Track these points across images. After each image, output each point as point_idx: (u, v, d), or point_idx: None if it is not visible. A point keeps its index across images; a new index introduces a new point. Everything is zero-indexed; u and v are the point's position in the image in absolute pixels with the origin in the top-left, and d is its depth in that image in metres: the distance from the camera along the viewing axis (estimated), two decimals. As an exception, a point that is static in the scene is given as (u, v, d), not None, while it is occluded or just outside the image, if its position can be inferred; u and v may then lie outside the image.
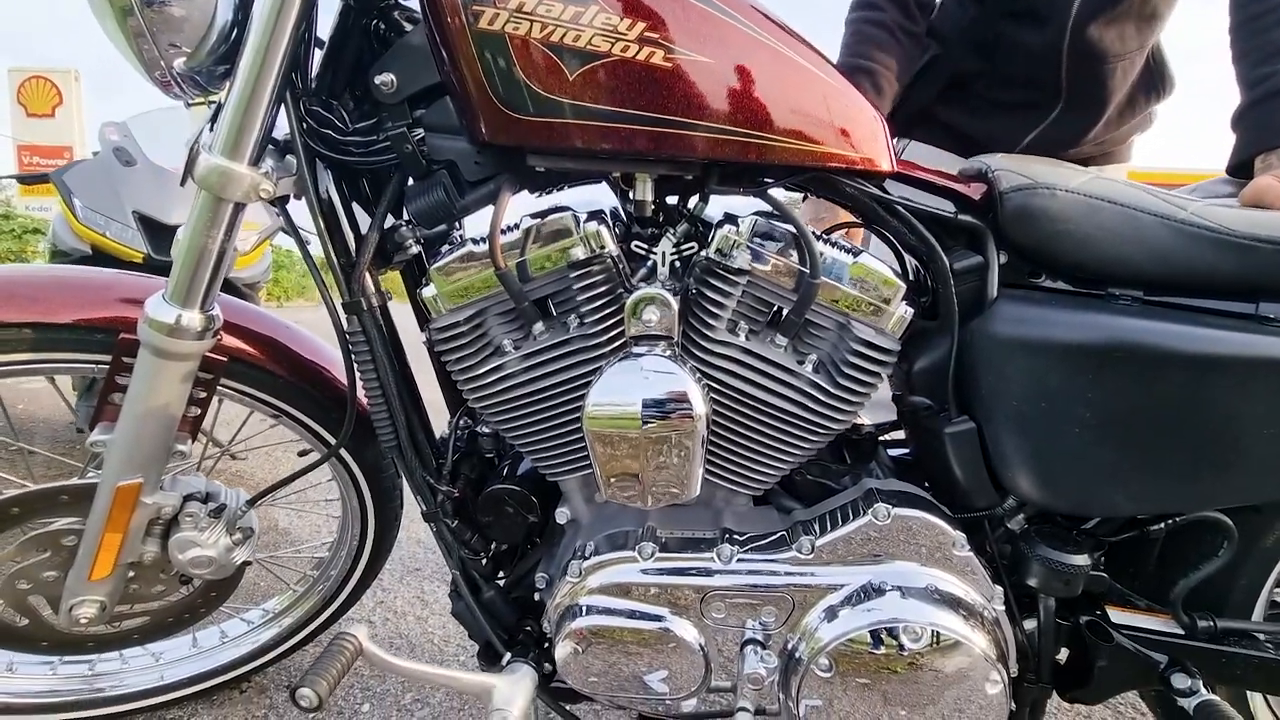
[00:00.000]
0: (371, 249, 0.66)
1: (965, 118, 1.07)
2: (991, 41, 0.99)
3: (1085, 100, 0.98)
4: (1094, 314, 0.57)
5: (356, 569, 1.02)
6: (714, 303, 0.62)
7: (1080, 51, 0.93)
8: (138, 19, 0.56)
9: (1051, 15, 0.93)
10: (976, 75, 1.03)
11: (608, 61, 0.54)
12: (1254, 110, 0.69)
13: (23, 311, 0.67)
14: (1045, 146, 1.03)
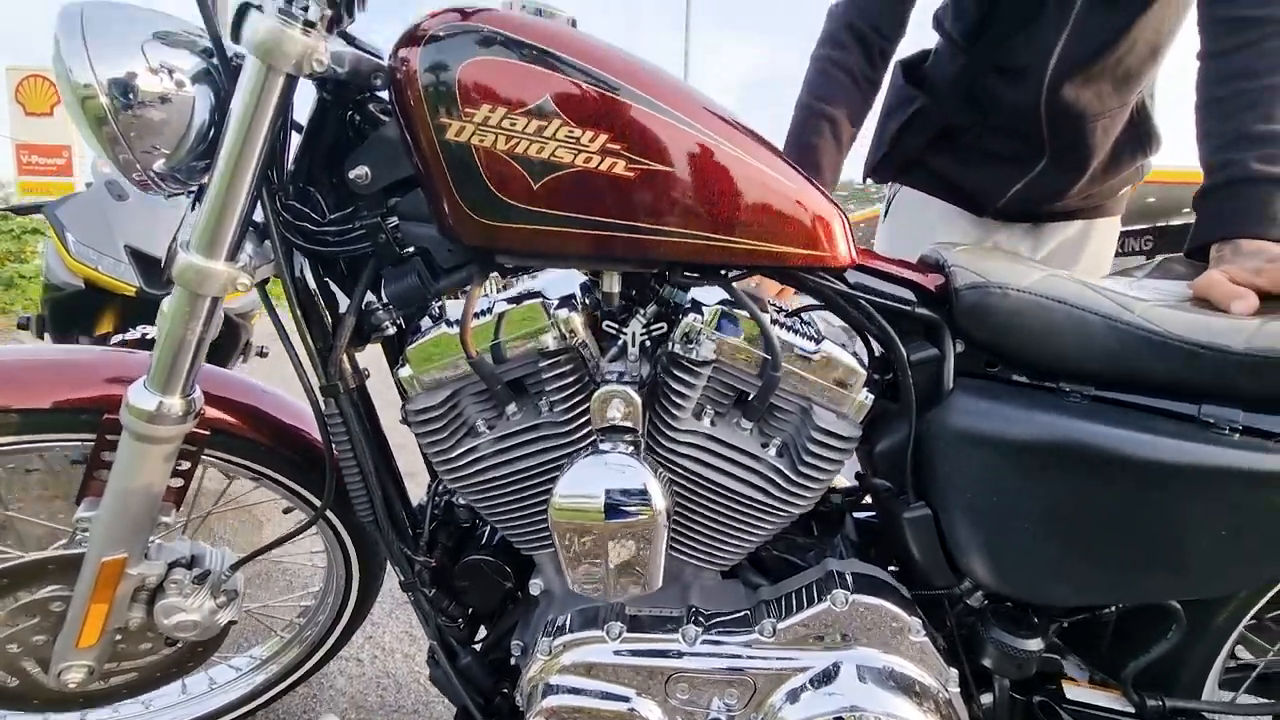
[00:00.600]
0: (348, 334, 0.68)
1: (954, 167, 1.09)
2: (978, 94, 1.00)
3: (1068, 156, 0.99)
4: (1043, 412, 0.59)
5: (343, 615, 1.04)
6: (679, 393, 0.63)
7: (1058, 109, 0.95)
8: (112, 127, 0.57)
9: (1030, 72, 0.94)
10: (965, 126, 1.04)
11: (571, 172, 0.56)
12: (1213, 196, 0.70)
13: (6, 397, 0.69)
14: (1032, 199, 1.05)
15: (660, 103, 0.56)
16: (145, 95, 0.58)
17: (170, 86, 0.59)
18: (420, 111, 0.56)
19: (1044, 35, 0.91)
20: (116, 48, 0.57)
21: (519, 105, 0.55)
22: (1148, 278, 0.75)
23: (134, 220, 1.63)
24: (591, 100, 0.55)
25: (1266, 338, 0.54)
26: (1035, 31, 0.91)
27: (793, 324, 0.66)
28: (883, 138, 1.11)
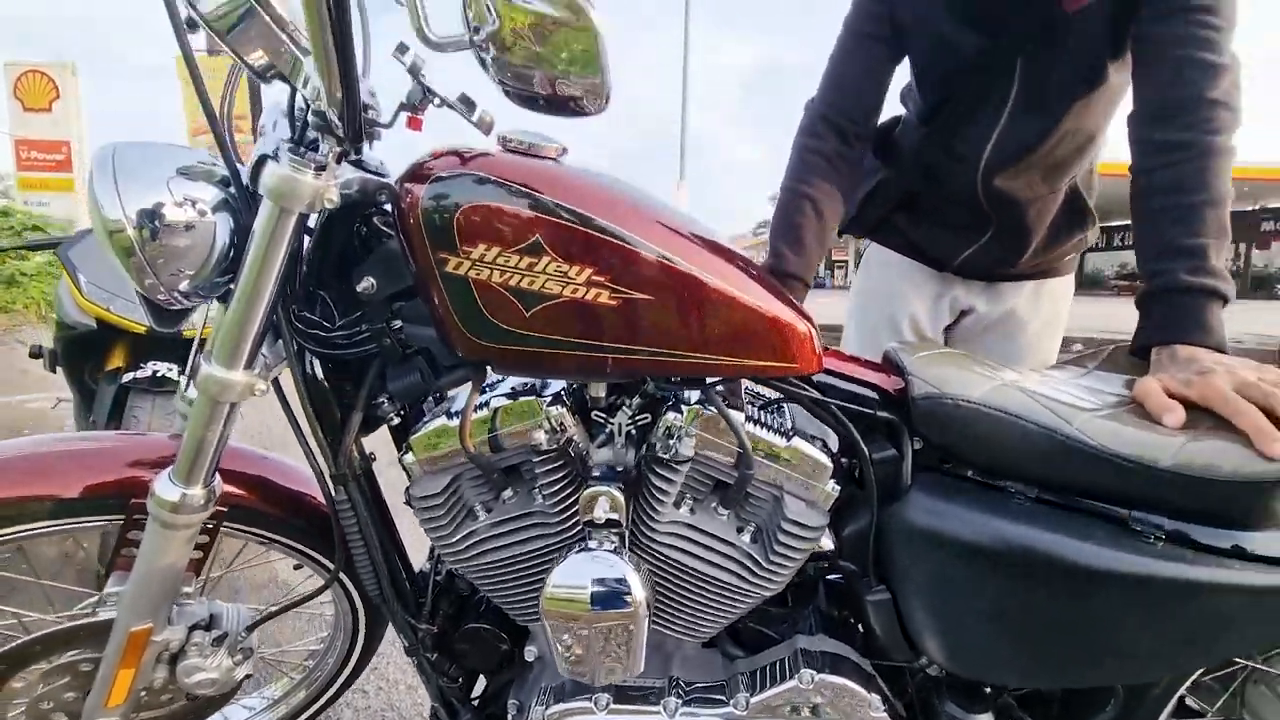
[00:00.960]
0: (355, 428, 0.74)
1: (915, 228, 1.18)
2: (932, 169, 1.08)
3: (1010, 231, 1.09)
4: (989, 514, 0.65)
5: (351, 658, 1.10)
6: (661, 489, 0.69)
7: (992, 195, 1.04)
8: (139, 258, 0.63)
9: (969, 160, 1.03)
10: (923, 194, 1.13)
11: (559, 301, 0.62)
12: (1150, 303, 0.76)
13: (38, 487, 0.75)
14: (983, 264, 1.14)
15: (640, 238, 0.62)
16: (170, 227, 0.63)
17: (193, 216, 0.64)
18: (422, 244, 0.62)
19: (980, 130, 1.00)
20: (144, 185, 0.63)
21: (512, 244, 0.60)
22: (1098, 368, 0.81)
23: (143, 261, 1.68)
24: (578, 238, 0.60)
25: (1189, 454, 0.60)
26: (973, 126, 1.00)
27: (766, 419, 0.72)
28: (853, 202, 1.18)
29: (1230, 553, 0.60)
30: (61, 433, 0.85)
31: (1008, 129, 0.98)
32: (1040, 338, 1.21)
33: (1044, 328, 1.21)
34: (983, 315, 1.20)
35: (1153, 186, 0.78)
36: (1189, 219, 0.73)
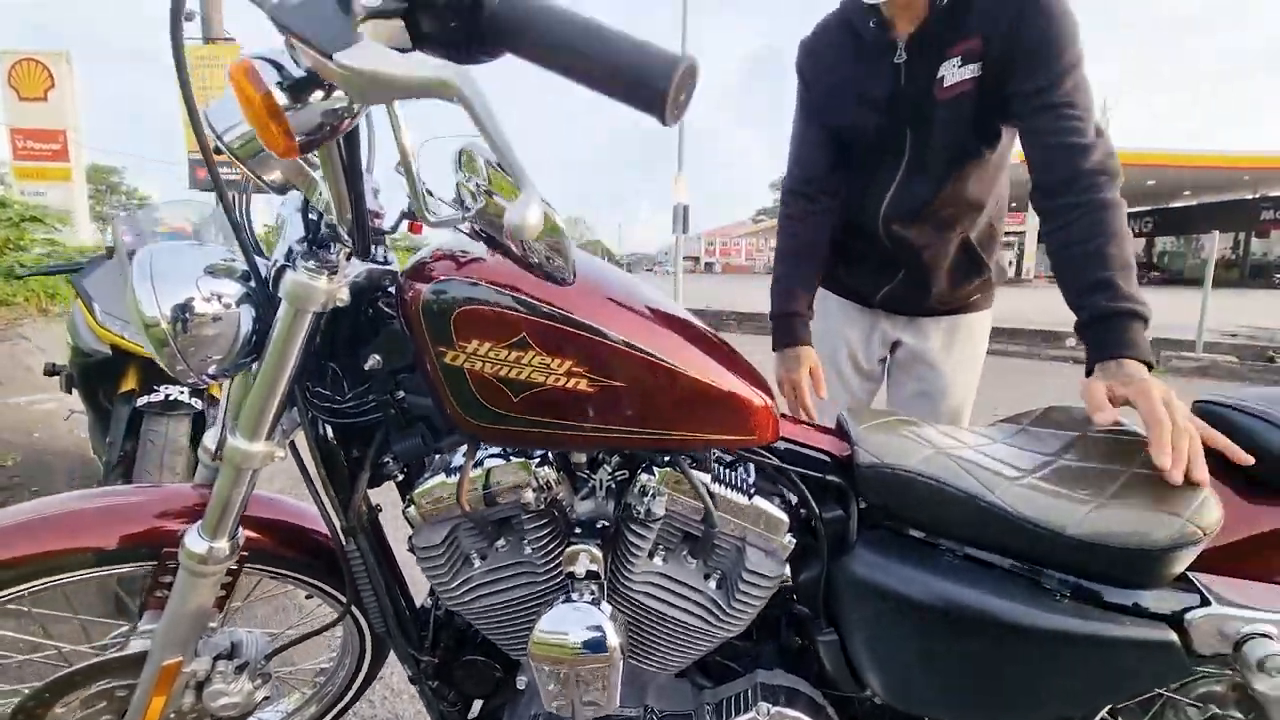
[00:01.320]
0: (364, 488, 0.83)
1: (847, 272, 1.40)
2: (851, 219, 1.30)
3: (914, 272, 1.28)
4: (922, 570, 0.74)
5: (359, 674, 1.20)
6: (636, 544, 0.78)
7: (893, 240, 1.24)
8: (172, 348, 0.71)
9: (871, 211, 1.24)
10: (847, 242, 1.34)
11: (544, 389, 0.70)
12: (1086, 330, 0.91)
13: (82, 539, 0.83)
14: (900, 299, 1.32)
15: (613, 331, 0.70)
16: (199, 321, 0.71)
17: (219, 309, 0.72)
18: (422, 336, 0.70)
19: (880, 189, 1.22)
20: (176, 284, 0.71)
21: (501, 340, 0.68)
22: (1032, 425, 0.89)
23: (155, 290, 1.76)
24: (558, 335, 0.69)
25: (1092, 523, 0.68)
26: (876, 185, 1.22)
27: (730, 477, 0.81)
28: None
29: (1128, 610, 0.69)
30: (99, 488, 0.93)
31: (902, 187, 1.19)
32: (958, 371, 1.36)
33: (962, 362, 1.37)
34: (910, 347, 1.38)
35: (1061, 242, 0.95)
36: (1096, 259, 0.90)
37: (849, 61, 1.18)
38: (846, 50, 1.18)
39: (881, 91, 1.14)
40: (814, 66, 1.25)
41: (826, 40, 1.23)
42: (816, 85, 1.25)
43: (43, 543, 0.82)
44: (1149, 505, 0.68)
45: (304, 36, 0.42)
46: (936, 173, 1.16)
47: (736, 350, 0.82)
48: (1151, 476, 0.73)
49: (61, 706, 0.93)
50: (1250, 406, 0.77)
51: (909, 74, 1.11)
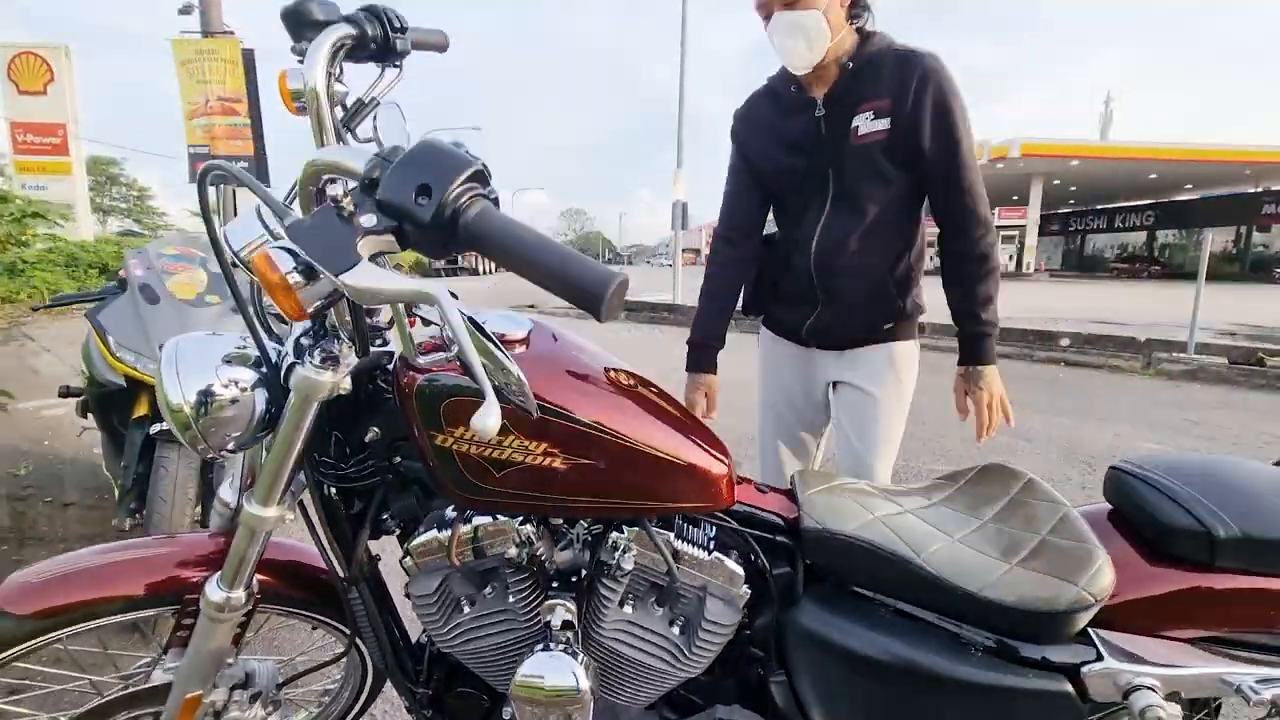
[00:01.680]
0: (364, 543, 0.93)
1: (776, 306, 1.54)
2: (786, 254, 1.46)
3: (838, 303, 1.42)
4: (858, 623, 0.83)
5: (361, 694, 1.30)
6: (607, 595, 0.88)
7: (821, 271, 1.39)
8: (194, 431, 0.80)
9: (804, 244, 1.40)
10: (781, 278, 1.49)
11: (522, 467, 0.79)
12: (964, 340, 1.36)
13: (112, 588, 0.93)
14: (821, 330, 1.47)
15: (581, 414, 0.79)
16: (219, 405, 0.81)
17: (236, 393, 0.82)
18: (414, 419, 0.79)
19: (811, 224, 1.39)
20: (197, 372, 0.80)
21: (485, 427, 0.78)
22: (968, 484, 0.99)
23: (165, 322, 1.86)
24: (535, 422, 0.78)
25: (1003, 586, 0.78)
26: (806, 221, 1.40)
27: (693, 534, 0.91)
28: (746, 292, 1.57)
29: (1033, 662, 0.79)
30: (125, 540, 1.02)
31: (828, 225, 1.37)
32: (889, 399, 1.46)
33: (891, 391, 1.46)
34: (848, 383, 1.48)
35: (953, 276, 1.36)
36: (972, 297, 1.34)
37: (778, 117, 1.41)
38: (774, 110, 1.42)
39: (806, 139, 1.35)
40: (747, 127, 1.47)
41: (757, 107, 1.46)
42: (750, 140, 1.46)
43: (78, 593, 0.92)
44: (1052, 571, 0.78)
45: (315, 259, 0.52)
46: (856, 211, 1.35)
47: (693, 415, 0.91)
48: (1059, 544, 0.82)
49: (91, 735, 1.03)
50: (1156, 479, 0.86)
51: (828, 124, 1.32)
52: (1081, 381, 5.86)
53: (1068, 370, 6.48)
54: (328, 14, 0.82)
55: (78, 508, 2.87)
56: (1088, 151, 25.30)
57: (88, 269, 13.51)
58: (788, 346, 1.54)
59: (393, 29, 0.86)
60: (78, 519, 2.74)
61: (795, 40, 1.23)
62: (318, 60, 0.76)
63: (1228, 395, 5.33)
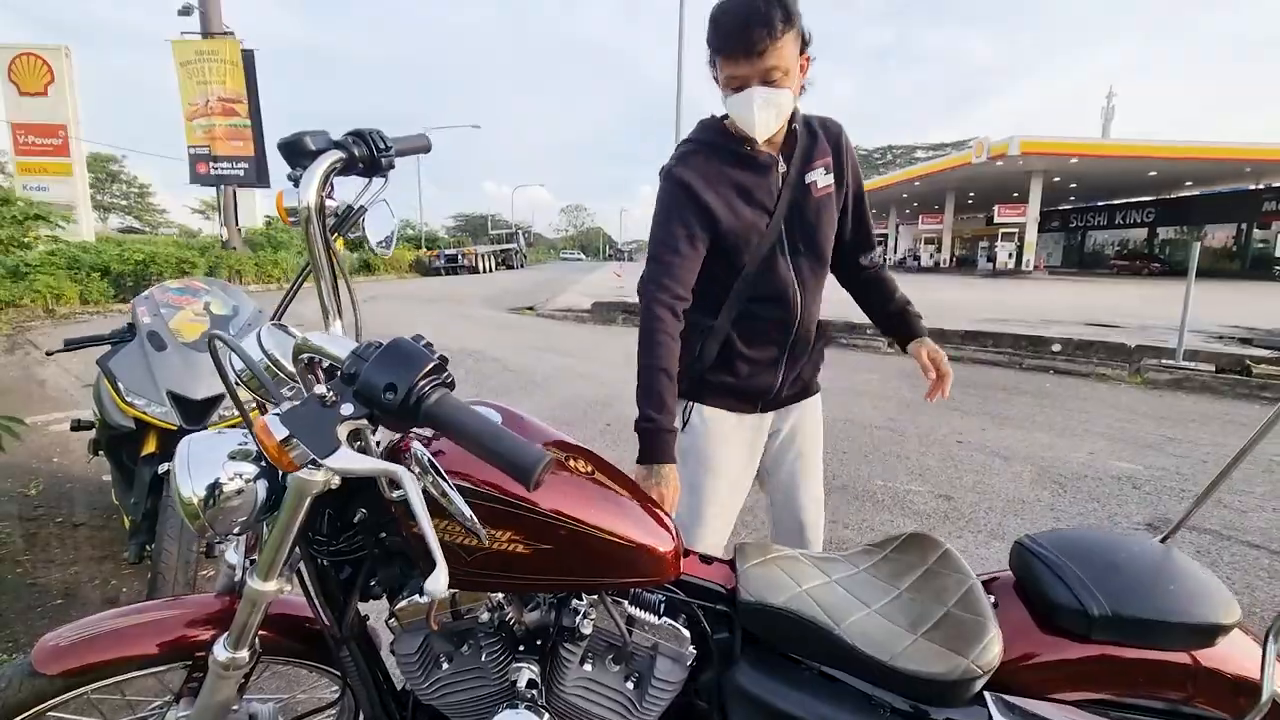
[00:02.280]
0: (353, 611, 1.05)
1: (730, 379, 1.49)
2: (753, 309, 1.46)
3: (802, 353, 1.52)
4: (785, 684, 0.95)
5: (355, 724, 1.42)
6: (568, 655, 1.00)
7: (803, 318, 1.48)
8: (203, 521, 0.92)
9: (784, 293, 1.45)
10: (739, 340, 1.47)
11: (489, 552, 0.91)
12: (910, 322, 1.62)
13: (128, 649, 1.05)
14: (785, 388, 1.53)
15: (546, 508, 0.91)
16: (225, 496, 0.92)
17: (240, 485, 0.93)
18: (395, 509, 0.91)
19: (780, 280, 1.44)
20: (206, 469, 0.92)
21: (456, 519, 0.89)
22: (894, 552, 1.10)
23: (172, 368, 1.98)
24: (498, 512, 0.90)
25: (908, 656, 0.90)
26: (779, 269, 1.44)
27: (646, 600, 1.02)
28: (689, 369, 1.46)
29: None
30: (141, 604, 1.14)
31: (803, 274, 1.46)
32: (811, 444, 1.63)
33: (812, 435, 1.63)
34: (782, 434, 1.59)
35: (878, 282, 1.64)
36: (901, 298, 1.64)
37: (740, 172, 1.41)
38: (734, 166, 1.41)
39: (770, 195, 1.42)
40: (706, 183, 1.38)
41: (713, 164, 1.40)
42: (709, 192, 1.38)
43: (100, 654, 1.04)
44: (948, 644, 0.90)
45: (304, 443, 0.64)
46: (821, 263, 1.48)
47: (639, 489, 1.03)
48: (960, 617, 0.94)
49: (114, 771, 1.15)
50: (1049, 557, 0.98)
51: (788, 181, 1.42)
52: (1067, 392, 5.96)
53: (1055, 379, 6.58)
54: (319, 144, 0.93)
55: (87, 528, 2.99)
56: (1087, 150, 25.32)
57: (89, 271, 13.56)
58: (738, 418, 1.51)
59: (378, 149, 0.98)
60: (88, 540, 2.87)
61: (768, 113, 1.31)
62: (311, 185, 0.88)
63: (1210, 406, 5.43)
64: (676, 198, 1.40)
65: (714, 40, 1.31)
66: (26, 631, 2.15)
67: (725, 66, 1.31)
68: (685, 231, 1.38)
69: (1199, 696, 0.91)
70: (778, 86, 1.30)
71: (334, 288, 0.99)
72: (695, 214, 1.38)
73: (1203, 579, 0.94)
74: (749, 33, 1.24)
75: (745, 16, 1.25)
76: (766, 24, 1.23)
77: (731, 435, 1.51)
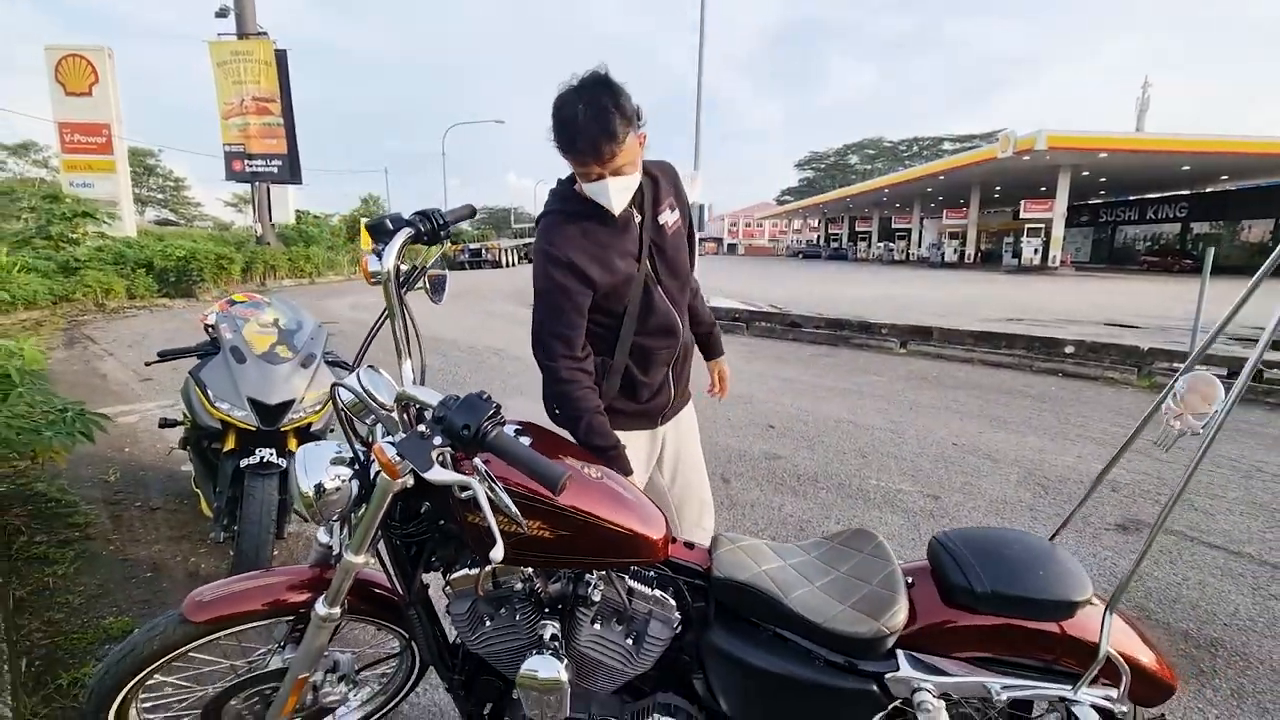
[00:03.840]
0: (419, 580, 1.37)
1: (631, 405, 1.77)
2: (639, 349, 1.72)
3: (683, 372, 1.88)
4: (748, 643, 1.25)
5: (411, 675, 1.76)
6: (582, 617, 1.31)
7: (684, 347, 1.81)
8: (315, 509, 1.25)
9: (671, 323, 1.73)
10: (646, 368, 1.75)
11: (522, 536, 1.22)
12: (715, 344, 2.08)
13: (254, 605, 1.39)
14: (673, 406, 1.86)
15: (566, 505, 1.21)
16: (329, 493, 1.25)
17: (340, 484, 1.26)
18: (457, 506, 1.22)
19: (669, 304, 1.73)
20: (315, 471, 1.24)
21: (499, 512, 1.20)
22: (841, 543, 1.39)
23: (251, 378, 2.33)
24: (531, 509, 1.20)
25: (835, 621, 1.19)
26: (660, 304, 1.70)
27: (643, 575, 1.33)
28: None
29: (855, 671, 1.20)
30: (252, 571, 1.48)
31: (670, 293, 1.72)
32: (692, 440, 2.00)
33: (693, 434, 2.01)
34: (671, 439, 1.92)
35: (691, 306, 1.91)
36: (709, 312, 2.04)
37: (604, 231, 1.60)
38: (598, 230, 1.59)
39: (634, 244, 1.65)
40: (576, 248, 1.57)
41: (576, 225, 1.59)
42: (588, 262, 1.56)
43: (231, 608, 1.38)
44: (867, 612, 1.19)
45: (408, 461, 0.96)
46: (684, 284, 1.79)
47: (637, 490, 1.33)
48: (879, 593, 1.23)
49: (234, 700, 1.50)
50: (953, 548, 1.26)
51: (645, 227, 1.66)
52: (1071, 395, 6.11)
53: (1063, 383, 6.71)
54: (396, 224, 1.25)
55: (164, 511, 3.39)
56: (1117, 144, 24.79)
57: (134, 266, 14.17)
58: (640, 435, 1.81)
59: (438, 225, 1.30)
60: (165, 521, 3.27)
61: (623, 196, 1.54)
62: (391, 255, 1.20)
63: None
64: (557, 274, 1.57)
65: (561, 143, 1.46)
66: (126, 599, 2.53)
67: (575, 165, 1.50)
68: (571, 304, 1.57)
69: (1064, 657, 1.19)
70: (626, 173, 1.52)
71: (405, 333, 1.32)
72: (576, 284, 1.56)
73: (1069, 567, 1.21)
74: (598, 147, 1.42)
75: (593, 134, 1.40)
76: (610, 137, 1.41)
77: (636, 450, 1.77)
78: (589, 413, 1.58)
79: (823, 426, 4.85)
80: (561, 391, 1.59)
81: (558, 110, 1.44)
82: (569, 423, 1.59)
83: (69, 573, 2.68)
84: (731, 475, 3.84)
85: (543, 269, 1.58)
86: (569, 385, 1.59)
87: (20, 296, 10.84)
